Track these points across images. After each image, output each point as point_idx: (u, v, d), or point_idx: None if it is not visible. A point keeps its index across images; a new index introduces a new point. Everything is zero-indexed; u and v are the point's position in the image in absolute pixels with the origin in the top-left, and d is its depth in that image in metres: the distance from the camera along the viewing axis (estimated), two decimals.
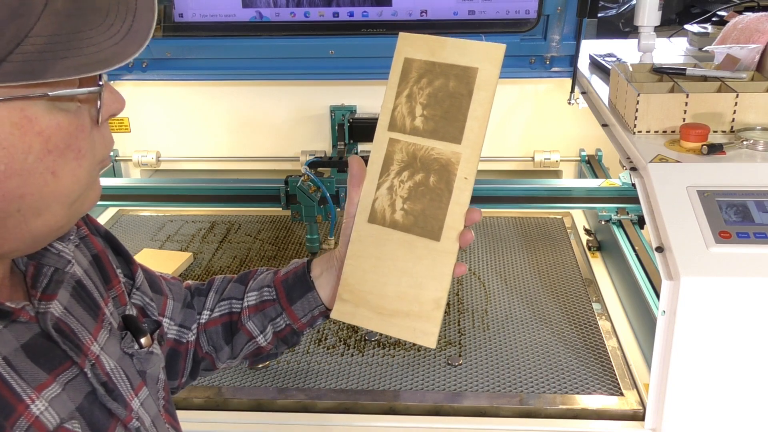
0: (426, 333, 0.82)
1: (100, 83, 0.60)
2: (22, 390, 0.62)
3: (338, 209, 1.62)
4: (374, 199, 0.84)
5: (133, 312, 0.84)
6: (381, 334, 1.45)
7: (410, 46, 0.84)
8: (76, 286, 0.74)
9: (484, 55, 0.81)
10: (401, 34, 0.84)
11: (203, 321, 0.97)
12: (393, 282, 0.84)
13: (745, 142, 1.28)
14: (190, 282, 1.01)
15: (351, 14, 1.88)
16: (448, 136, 0.82)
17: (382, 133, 0.84)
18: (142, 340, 0.79)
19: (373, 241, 0.84)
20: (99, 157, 0.64)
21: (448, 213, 0.82)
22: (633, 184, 1.27)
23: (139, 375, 0.77)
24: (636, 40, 1.84)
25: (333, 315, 0.86)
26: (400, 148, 0.84)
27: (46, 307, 0.67)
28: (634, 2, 2.39)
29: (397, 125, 0.84)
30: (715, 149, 1.26)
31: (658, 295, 1.12)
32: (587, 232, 1.85)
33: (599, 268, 1.70)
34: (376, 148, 0.85)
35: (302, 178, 1.59)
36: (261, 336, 0.94)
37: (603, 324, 1.47)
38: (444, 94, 0.82)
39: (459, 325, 1.48)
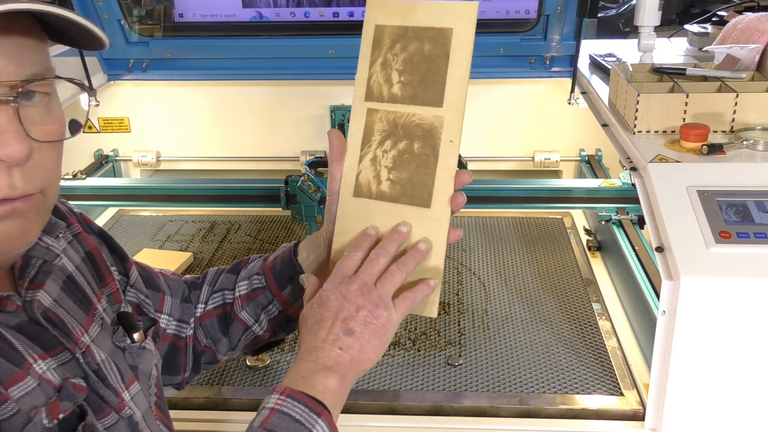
0: (427, 302, 0.80)
1: None
2: (25, 351, 0.64)
3: None
4: (357, 173, 0.82)
5: (129, 309, 0.84)
6: None
7: (380, 13, 0.81)
8: (66, 281, 0.75)
9: (457, 14, 0.79)
10: (369, 1, 0.82)
11: (198, 314, 0.96)
12: None
13: (745, 142, 1.28)
14: (188, 276, 1.01)
15: (351, 14, 1.87)
16: (429, 100, 0.80)
17: (359, 104, 0.82)
18: (135, 336, 0.80)
19: (361, 216, 0.82)
20: None
21: (437, 178, 0.79)
22: (633, 184, 1.27)
23: (131, 370, 0.78)
24: (636, 40, 1.84)
25: None
26: (380, 117, 0.81)
27: (33, 295, 0.68)
28: (634, 2, 2.39)
29: (374, 94, 0.81)
30: (715, 149, 1.26)
31: (658, 295, 1.11)
32: (587, 232, 1.85)
33: (599, 268, 1.70)
34: (355, 120, 0.83)
35: (302, 178, 1.59)
36: (256, 325, 0.94)
37: (603, 324, 1.47)
38: (420, 58, 0.80)
39: (459, 325, 1.48)
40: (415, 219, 0.80)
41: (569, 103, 1.87)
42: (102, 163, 2.12)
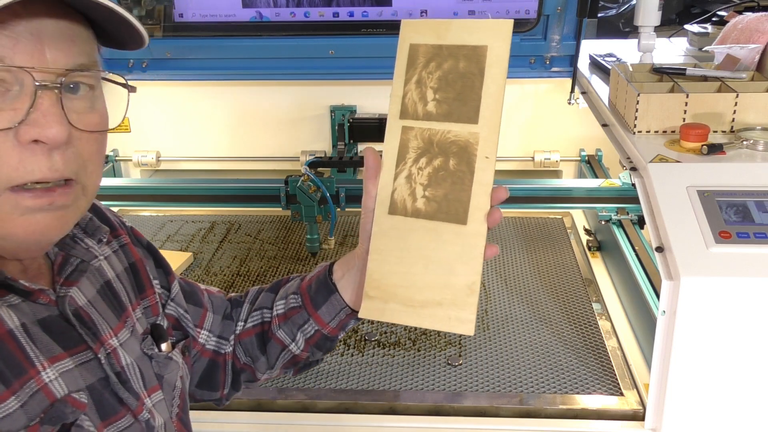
0: (462, 320, 0.80)
1: None
2: (35, 356, 0.64)
3: (338, 209, 1.62)
4: (393, 190, 0.82)
5: (164, 323, 0.86)
6: (381, 335, 1.45)
7: (414, 32, 0.82)
8: (104, 285, 0.77)
9: (492, 32, 0.79)
10: (404, 21, 0.82)
11: (238, 332, 0.97)
12: (421, 272, 0.81)
13: (745, 142, 1.28)
14: (232, 294, 1.02)
15: (351, 14, 1.88)
16: (464, 117, 0.80)
17: (394, 122, 0.82)
18: (163, 346, 0.81)
19: (396, 233, 0.81)
20: (5, 179, 0.61)
21: (473, 194, 0.79)
22: (633, 184, 1.27)
23: (157, 378, 0.79)
24: (636, 40, 1.84)
25: (361, 314, 0.83)
26: (415, 134, 0.81)
27: (66, 291, 0.70)
28: (634, 2, 2.39)
29: (409, 112, 0.82)
30: (715, 149, 1.26)
31: (658, 295, 1.12)
32: (587, 232, 1.85)
33: (599, 268, 1.70)
34: (390, 138, 0.82)
35: (302, 178, 1.59)
36: (293, 344, 0.93)
37: (603, 324, 1.47)
38: (455, 75, 0.80)
39: None
40: (451, 236, 0.80)
41: (569, 103, 1.87)
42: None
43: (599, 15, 2.13)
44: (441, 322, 0.80)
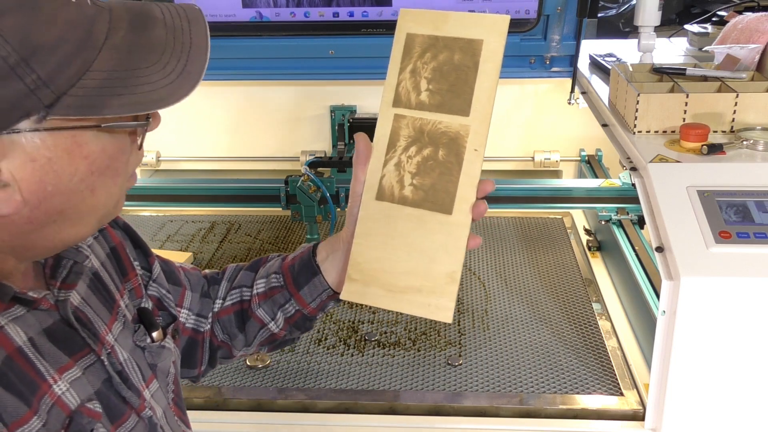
0: (440, 308, 0.80)
1: (149, 118, 0.65)
2: (45, 370, 0.64)
3: (338, 209, 1.62)
4: (381, 176, 0.83)
5: (149, 305, 0.86)
6: (381, 335, 1.45)
7: (412, 22, 0.83)
8: (93, 279, 0.77)
9: (488, 27, 0.80)
10: (402, 9, 0.83)
11: (216, 310, 0.97)
12: (404, 258, 0.82)
13: (745, 142, 1.28)
14: (207, 271, 1.02)
15: (351, 14, 1.87)
16: (456, 108, 0.81)
17: (386, 110, 0.83)
18: (154, 335, 0.81)
19: (382, 219, 0.83)
20: (130, 172, 0.68)
21: (459, 185, 0.80)
22: (633, 184, 1.27)
23: (150, 368, 0.79)
24: (636, 40, 1.84)
25: (342, 296, 0.84)
26: (407, 123, 0.82)
27: (65, 296, 0.70)
28: (634, 2, 2.39)
29: (402, 101, 0.83)
30: (715, 149, 1.26)
31: (658, 295, 1.12)
32: (587, 232, 1.85)
33: (599, 268, 1.70)
34: (381, 125, 0.83)
35: (302, 178, 1.59)
36: (272, 323, 0.94)
37: (603, 324, 1.47)
38: (449, 67, 0.81)
39: (459, 325, 1.48)
40: (436, 225, 0.81)
41: (569, 103, 1.87)
42: None
43: (599, 15, 2.13)
44: (420, 308, 0.81)
